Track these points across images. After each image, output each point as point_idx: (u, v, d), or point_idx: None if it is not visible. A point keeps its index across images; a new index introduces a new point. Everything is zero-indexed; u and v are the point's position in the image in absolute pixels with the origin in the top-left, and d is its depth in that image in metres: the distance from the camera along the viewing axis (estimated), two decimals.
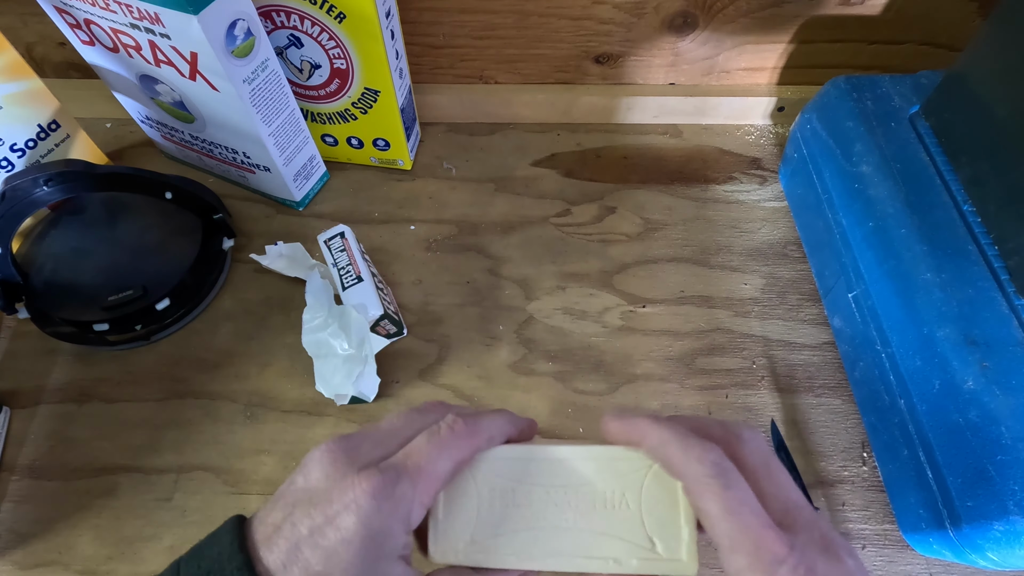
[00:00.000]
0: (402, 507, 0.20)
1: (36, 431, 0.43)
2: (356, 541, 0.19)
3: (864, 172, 0.42)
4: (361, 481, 0.20)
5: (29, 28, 0.53)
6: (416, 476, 0.20)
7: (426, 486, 0.21)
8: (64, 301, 0.46)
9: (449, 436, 0.21)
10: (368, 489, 0.19)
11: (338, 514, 0.19)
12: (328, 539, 0.19)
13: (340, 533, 0.19)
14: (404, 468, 0.20)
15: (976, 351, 0.34)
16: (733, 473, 0.20)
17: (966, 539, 0.32)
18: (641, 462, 0.23)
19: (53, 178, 0.40)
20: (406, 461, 0.21)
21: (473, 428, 0.22)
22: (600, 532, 0.22)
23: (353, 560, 0.19)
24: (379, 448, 0.21)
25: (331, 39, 0.45)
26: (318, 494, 0.20)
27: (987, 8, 0.51)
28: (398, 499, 0.20)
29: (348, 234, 0.44)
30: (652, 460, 0.22)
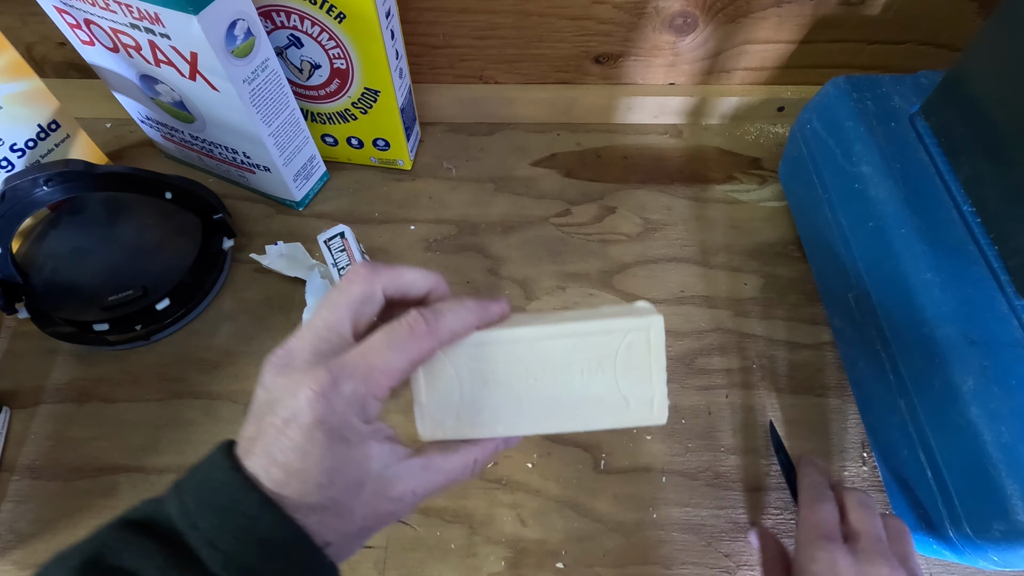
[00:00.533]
0: (354, 402, 0.21)
1: (36, 431, 0.43)
2: (319, 435, 0.20)
3: (864, 172, 0.42)
4: (309, 381, 0.20)
5: (29, 28, 0.53)
6: (368, 374, 0.21)
7: (378, 382, 0.21)
8: (64, 301, 0.46)
9: (407, 336, 0.22)
10: (316, 388, 0.20)
11: (295, 414, 0.20)
12: (293, 438, 0.20)
13: (301, 431, 0.20)
14: (355, 366, 0.21)
15: (976, 351, 0.34)
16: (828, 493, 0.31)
17: (966, 539, 0.32)
18: (614, 335, 0.24)
19: (53, 178, 0.40)
20: (358, 359, 0.21)
21: (434, 328, 0.23)
22: (578, 397, 0.24)
23: (324, 452, 0.20)
24: (325, 344, 0.22)
25: (331, 39, 0.45)
26: (276, 400, 0.21)
27: (987, 8, 0.51)
28: (348, 395, 0.21)
29: (348, 234, 0.44)
30: (626, 332, 0.24)
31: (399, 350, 0.22)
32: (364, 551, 0.39)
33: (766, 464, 0.42)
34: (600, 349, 0.24)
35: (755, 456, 0.42)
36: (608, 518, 0.40)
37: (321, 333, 0.22)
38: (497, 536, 0.39)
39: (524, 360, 0.24)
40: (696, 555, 0.39)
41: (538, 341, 0.24)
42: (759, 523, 0.39)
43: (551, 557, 0.39)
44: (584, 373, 0.24)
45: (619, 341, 0.24)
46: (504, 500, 0.40)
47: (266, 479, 0.20)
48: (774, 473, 0.42)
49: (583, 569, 0.38)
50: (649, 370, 0.24)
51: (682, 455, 0.42)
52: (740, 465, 0.42)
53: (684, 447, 0.42)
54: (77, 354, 0.46)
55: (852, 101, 0.45)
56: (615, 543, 0.39)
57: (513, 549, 0.39)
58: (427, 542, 0.39)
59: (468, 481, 0.40)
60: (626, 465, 0.42)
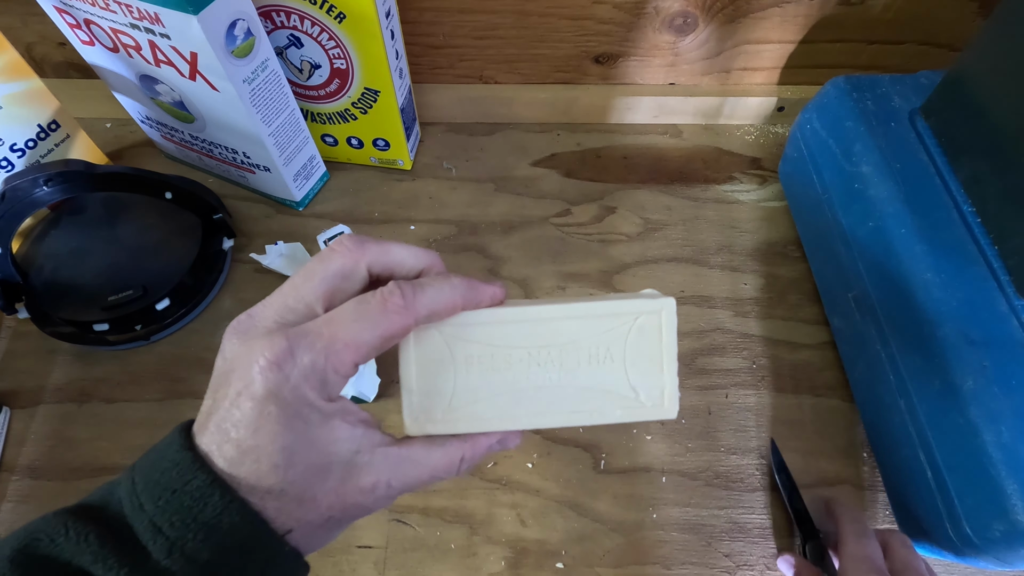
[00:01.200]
0: (312, 375, 0.19)
1: (36, 431, 0.42)
2: (272, 408, 0.18)
3: (864, 172, 0.42)
4: (264, 348, 0.18)
5: (29, 28, 0.53)
6: (330, 345, 0.19)
7: (341, 356, 0.19)
8: (64, 301, 0.46)
9: (379, 310, 0.20)
10: (270, 356, 0.18)
11: (248, 384, 0.18)
12: (245, 411, 0.18)
13: (253, 403, 0.18)
14: (317, 336, 0.19)
15: (976, 351, 0.34)
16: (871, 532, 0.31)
17: (966, 539, 0.32)
18: (624, 317, 0.22)
19: (53, 178, 0.40)
20: (321, 328, 0.19)
21: (410, 303, 0.20)
22: (584, 387, 0.22)
23: (278, 429, 0.18)
24: (291, 314, 0.20)
25: (331, 39, 0.45)
26: (231, 371, 0.19)
27: (987, 8, 0.51)
28: (306, 367, 0.19)
29: (348, 234, 0.44)
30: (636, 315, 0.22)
31: (369, 323, 0.19)
32: (364, 551, 0.39)
33: (766, 464, 0.42)
34: (609, 333, 0.22)
35: (755, 456, 0.42)
36: (608, 518, 0.40)
37: (288, 302, 0.20)
38: (497, 536, 0.39)
39: (527, 343, 0.22)
40: (696, 555, 0.39)
41: (543, 322, 0.22)
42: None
43: (551, 557, 0.39)
44: (591, 360, 0.22)
45: (629, 325, 0.22)
46: (504, 500, 0.40)
47: (218, 457, 0.18)
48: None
49: (583, 569, 0.38)
50: (661, 358, 0.22)
51: (682, 455, 0.42)
52: (740, 465, 0.42)
53: (684, 447, 0.42)
54: (77, 354, 0.46)
55: (852, 101, 0.45)
56: (615, 543, 0.39)
57: (513, 549, 0.39)
58: (427, 542, 0.39)
59: (466, 480, 0.40)
60: (626, 465, 0.42)
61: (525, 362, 0.22)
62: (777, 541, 0.39)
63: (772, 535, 0.39)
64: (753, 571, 0.38)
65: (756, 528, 0.40)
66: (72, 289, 0.46)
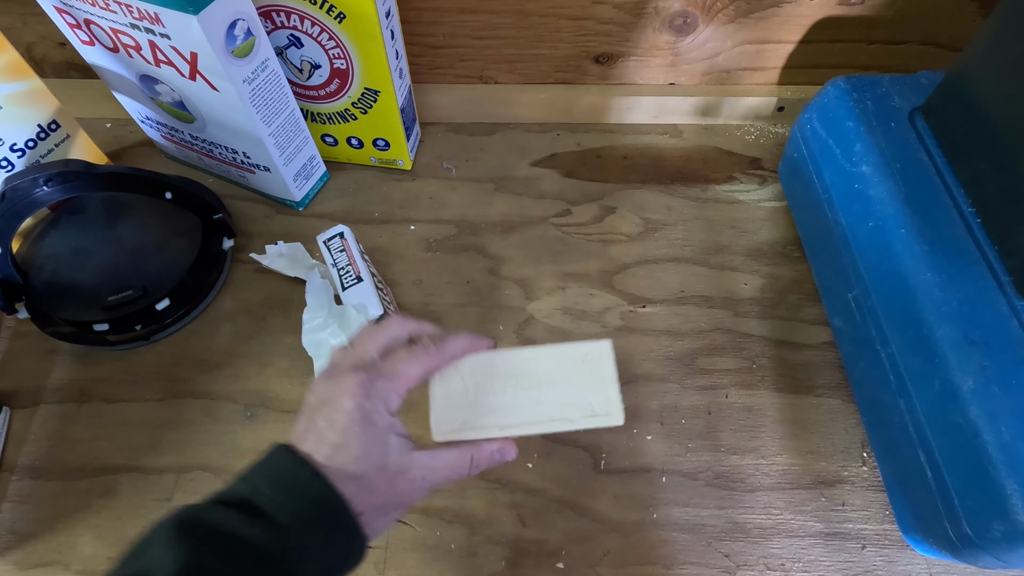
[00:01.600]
0: (383, 395, 0.28)
1: (36, 431, 0.43)
2: (356, 416, 0.27)
3: (864, 172, 0.42)
4: (352, 378, 0.28)
5: (29, 28, 0.53)
6: (393, 375, 0.28)
7: (401, 383, 0.28)
8: (64, 301, 0.46)
9: (422, 354, 0.30)
10: (357, 382, 0.27)
11: (339, 403, 0.27)
12: (338, 421, 0.27)
13: (343, 414, 0.27)
14: (385, 370, 0.28)
15: (976, 351, 0.34)
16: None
17: (965, 538, 0.32)
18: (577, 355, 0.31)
19: (53, 178, 0.40)
20: (387, 365, 0.29)
21: (439, 350, 0.30)
22: (555, 403, 0.31)
23: (359, 432, 0.27)
24: (361, 363, 0.29)
25: (331, 39, 0.45)
26: (323, 398, 0.28)
27: (987, 8, 0.51)
28: (379, 389, 0.28)
29: (347, 234, 0.44)
30: (586, 353, 0.31)
31: (416, 363, 0.29)
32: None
33: (767, 464, 0.42)
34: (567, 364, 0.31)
35: (755, 456, 0.42)
36: (608, 518, 0.40)
37: (360, 354, 0.30)
38: (497, 536, 0.39)
39: (514, 374, 0.31)
40: (696, 555, 0.39)
41: (524, 360, 0.32)
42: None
43: (551, 557, 0.39)
44: (558, 383, 0.31)
45: (581, 359, 0.31)
46: (504, 500, 0.40)
47: (317, 455, 0.26)
48: (774, 473, 0.42)
49: (583, 569, 0.38)
50: (606, 381, 0.31)
51: (682, 455, 0.42)
52: (740, 465, 0.42)
53: (684, 447, 0.42)
54: (77, 354, 0.46)
55: (852, 101, 0.45)
56: (615, 543, 0.39)
57: (513, 549, 0.39)
58: (427, 542, 0.39)
59: (467, 480, 0.40)
60: (626, 465, 0.42)
61: (513, 387, 0.31)
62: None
63: (772, 535, 0.39)
64: (753, 571, 0.38)
65: (756, 528, 0.40)
66: (72, 289, 0.46)
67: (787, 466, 0.42)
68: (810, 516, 0.40)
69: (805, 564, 0.38)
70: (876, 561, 0.39)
